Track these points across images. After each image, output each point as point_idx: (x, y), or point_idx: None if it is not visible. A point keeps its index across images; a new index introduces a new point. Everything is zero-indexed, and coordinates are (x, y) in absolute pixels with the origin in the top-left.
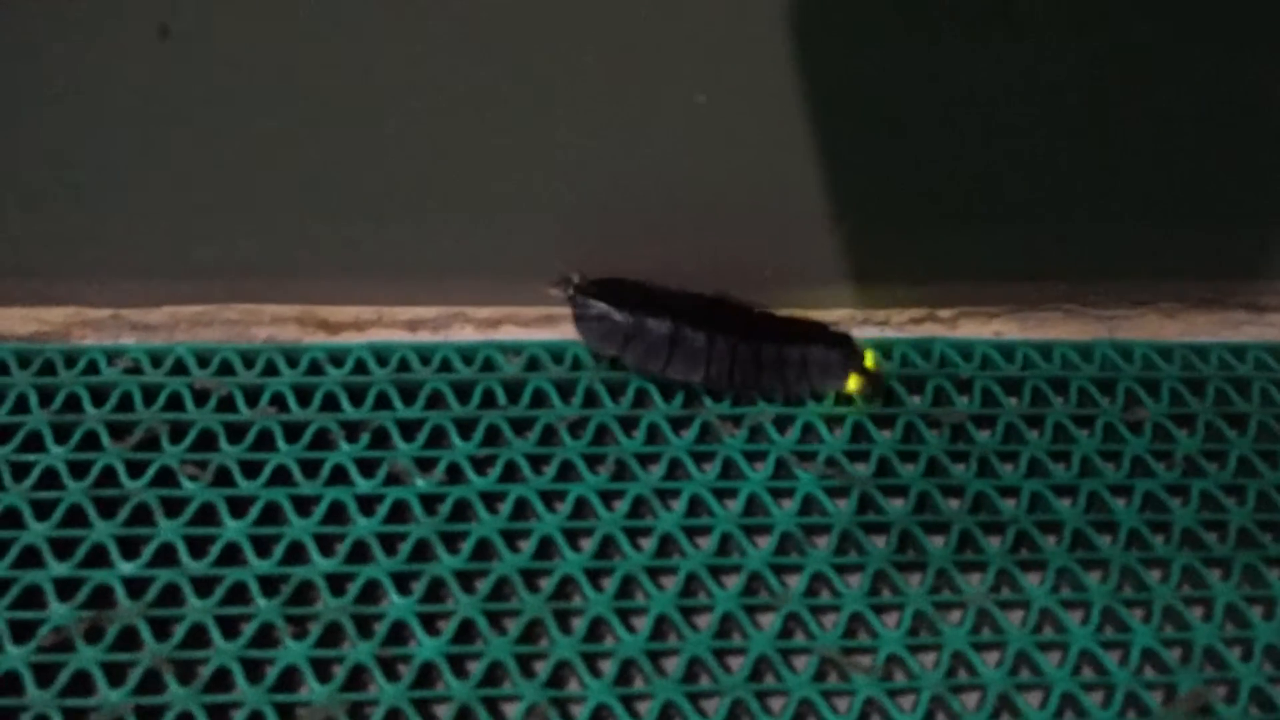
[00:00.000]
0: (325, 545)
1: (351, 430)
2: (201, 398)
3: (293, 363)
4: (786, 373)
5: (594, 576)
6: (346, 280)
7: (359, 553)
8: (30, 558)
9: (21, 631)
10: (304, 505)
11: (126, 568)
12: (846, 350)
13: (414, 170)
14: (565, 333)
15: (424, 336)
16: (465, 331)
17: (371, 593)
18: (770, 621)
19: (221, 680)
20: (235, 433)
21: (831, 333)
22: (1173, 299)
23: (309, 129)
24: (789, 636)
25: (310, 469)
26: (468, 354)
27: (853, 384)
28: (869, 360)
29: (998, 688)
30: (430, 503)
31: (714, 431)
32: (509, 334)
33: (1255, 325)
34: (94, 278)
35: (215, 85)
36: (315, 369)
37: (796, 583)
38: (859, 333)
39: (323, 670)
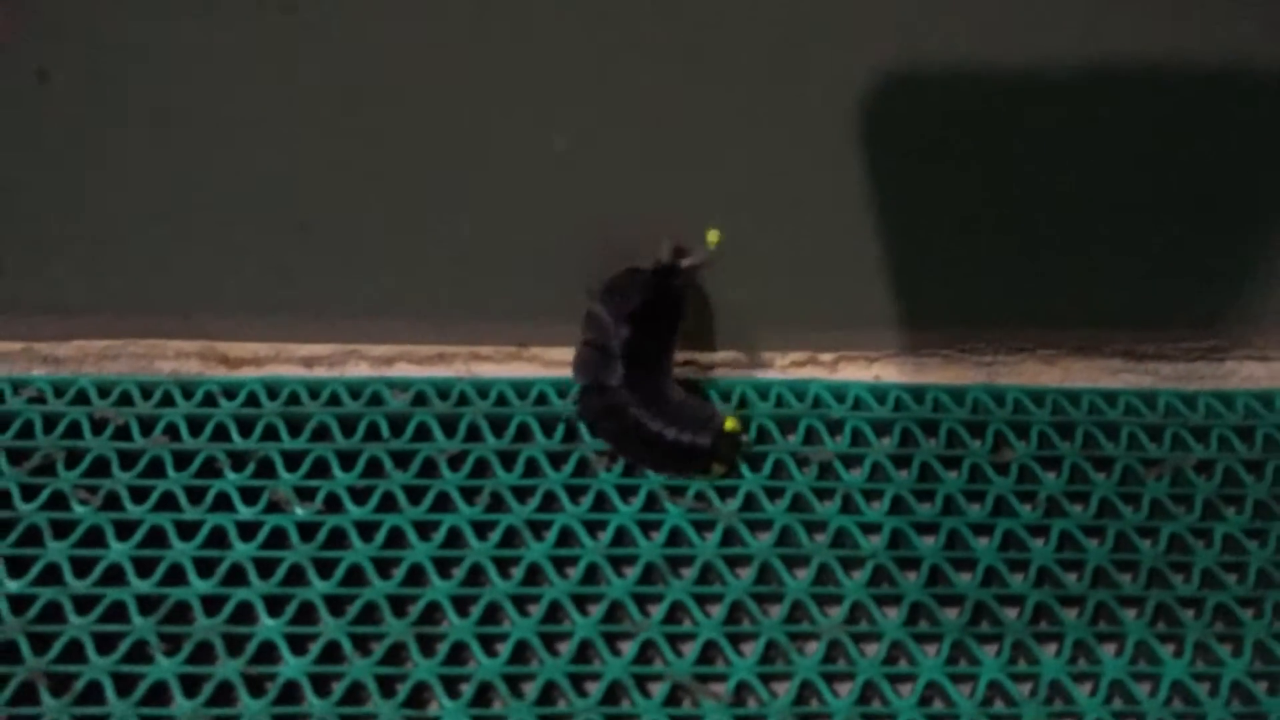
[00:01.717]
0: (204, 568)
1: (238, 460)
2: (99, 426)
3: (189, 395)
4: (654, 453)
5: (459, 603)
6: (246, 318)
7: (235, 576)
8: None
9: None
10: (187, 530)
11: (12, 586)
12: (709, 441)
13: (312, 212)
14: (455, 370)
15: (320, 372)
16: (360, 368)
17: (244, 614)
18: (627, 649)
19: (93, 694)
20: (128, 460)
21: (701, 419)
22: (1050, 346)
23: (211, 173)
24: (645, 663)
25: (196, 495)
26: (356, 389)
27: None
28: (729, 424)
29: (844, 715)
30: (307, 530)
31: (590, 466)
32: (402, 371)
33: (1132, 373)
34: (6, 312)
35: (109, 127)
36: (209, 401)
37: (656, 611)
38: (743, 373)
39: (191, 686)
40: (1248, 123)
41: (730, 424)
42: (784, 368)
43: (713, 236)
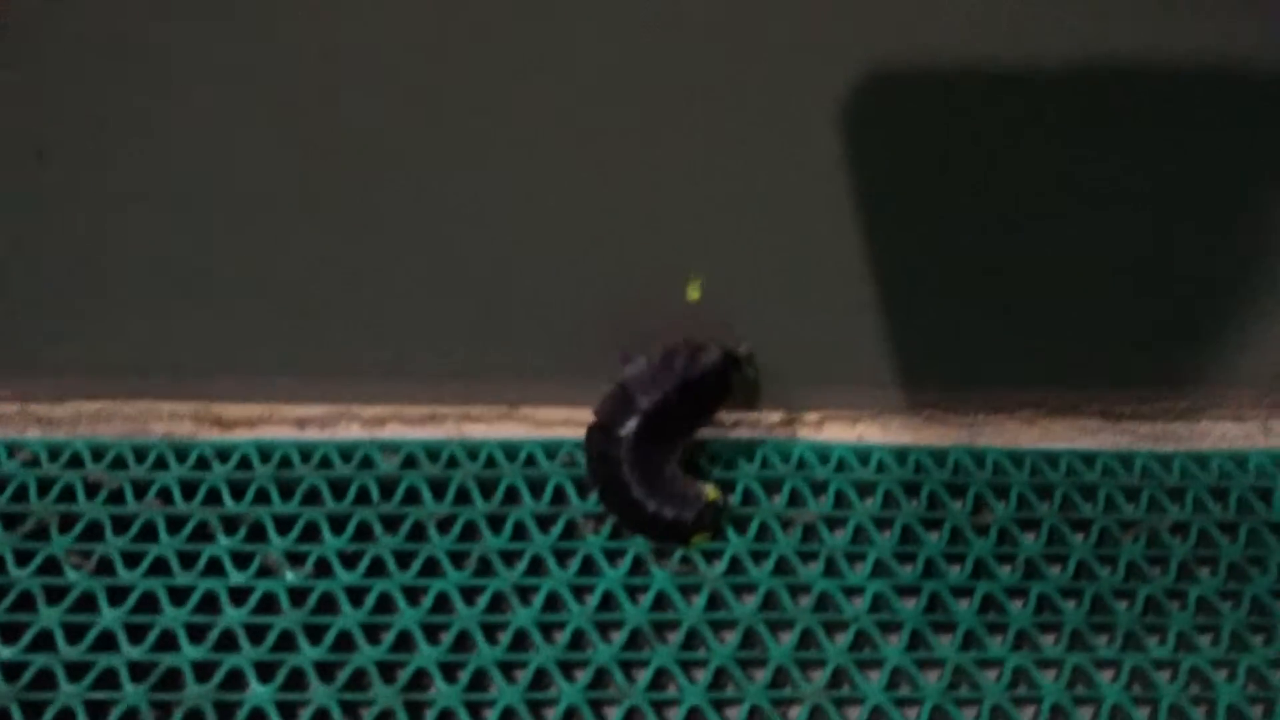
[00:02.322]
0: (196, 634)
1: (230, 524)
2: (93, 490)
3: (182, 458)
4: (633, 517)
5: (448, 669)
6: (239, 379)
7: (227, 642)
8: None
9: None
10: (179, 595)
11: (5, 652)
12: (693, 517)
13: (304, 275)
14: (446, 431)
15: (311, 433)
16: (352, 429)
17: (236, 680)
18: (613, 715)
19: None
20: (121, 524)
21: (687, 496)
22: (1030, 406)
23: (205, 238)
24: None
25: (188, 560)
26: (347, 451)
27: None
28: (710, 494)
29: None
30: (298, 595)
31: (578, 529)
32: (394, 431)
33: (1110, 433)
34: (3, 373)
35: (106, 197)
36: (203, 464)
37: (642, 677)
38: (731, 433)
39: None
40: (1221, 189)
41: (712, 494)
42: (771, 427)
43: (694, 291)
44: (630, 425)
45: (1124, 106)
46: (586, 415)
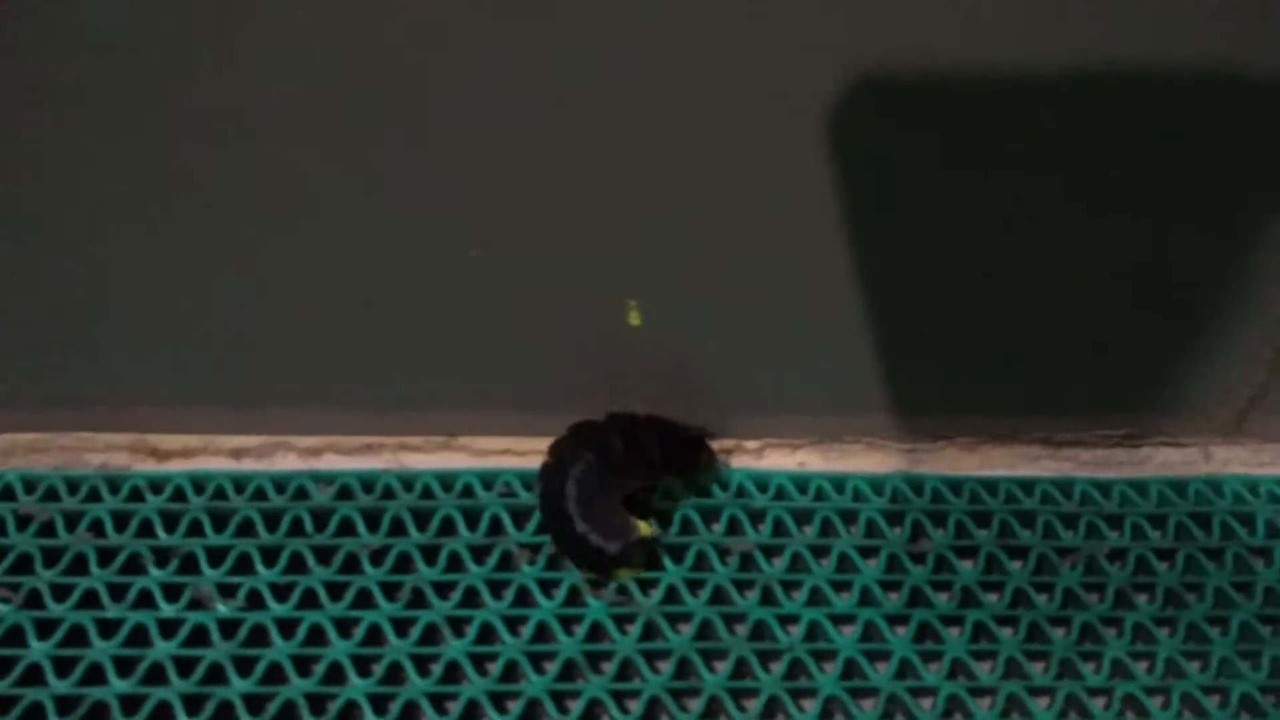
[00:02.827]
0: (124, 667)
1: (162, 556)
2: (24, 523)
3: (115, 489)
4: (574, 549)
5: (378, 701)
6: (175, 410)
7: (155, 675)
8: None
9: None
10: (108, 628)
11: None
12: (617, 549)
13: (241, 305)
14: (383, 460)
15: (248, 464)
16: (288, 460)
17: (163, 714)
18: None
19: None
20: (51, 557)
21: (620, 529)
22: (970, 434)
23: (138, 266)
24: None
25: (118, 592)
26: (281, 483)
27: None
28: (643, 529)
29: None
30: (228, 627)
31: (513, 560)
32: (330, 462)
33: (1051, 459)
34: None
35: (31, 227)
36: (136, 496)
37: (574, 708)
38: None
39: None
40: (1162, 216)
41: (645, 530)
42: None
43: (634, 317)
44: (580, 464)
45: (1055, 129)
46: (526, 445)
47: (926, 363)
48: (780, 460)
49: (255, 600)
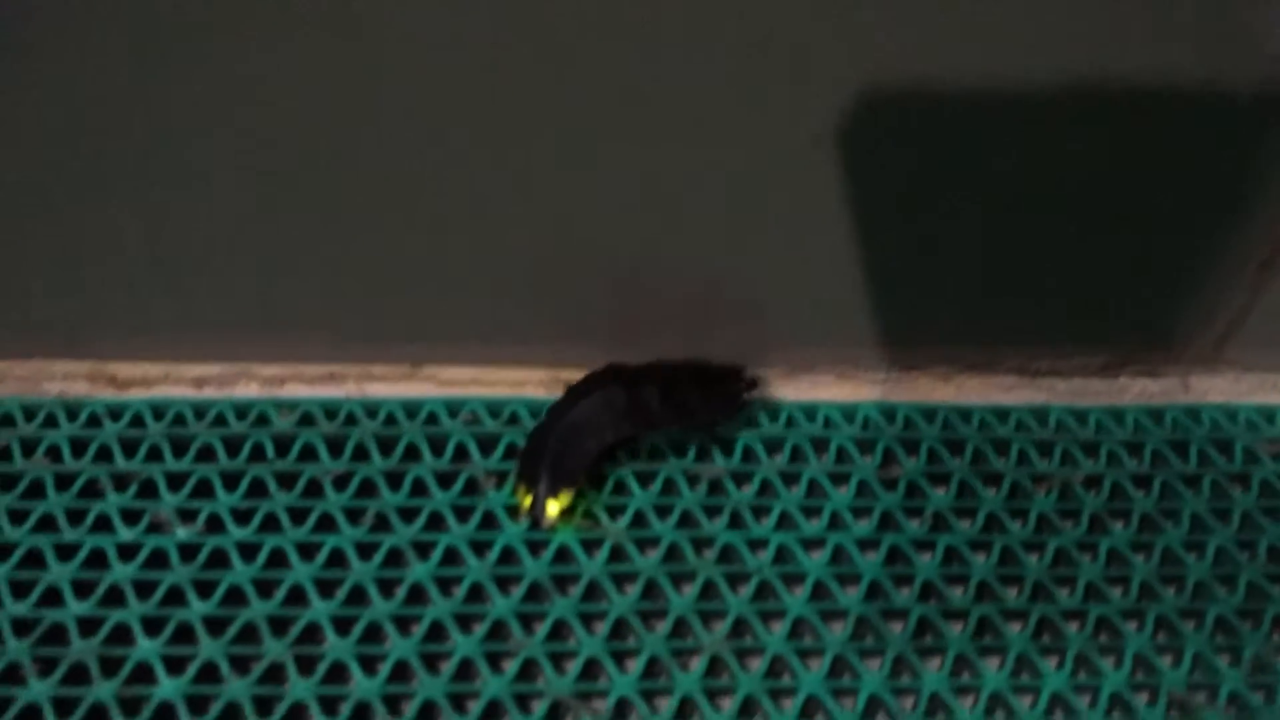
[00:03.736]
0: (82, 590)
1: (120, 481)
2: None
3: (73, 416)
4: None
5: (340, 623)
6: (135, 338)
7: (113, 597)
8: None
9: None
10: (66, 551)
11: None
12: (528, 473)
13: (201, 230)
14: (346, 389)
15: (209, 393)
16: (250, 388)
17: (122, 635)
18: (509, 666)
19: None
20: (7, 482)
21: (544, 453)
22: (944, 364)
23: (99, 192)
24: (527, 680)
25: (76, 517)
26: (243, 409)
27: (522, 498)
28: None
29: None
30: (188, 551)
31: (478, 486)
32: (292, 391)
33: (1027, 389)
34: None
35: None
36: (94, 422)
37: (540, 629)
38: None
39: (65, 709)
40: (1143, 145)
41: (553, 509)
42: None
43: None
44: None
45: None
46: (493, 375)
47: (898, 293)
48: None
49: (215, 525)
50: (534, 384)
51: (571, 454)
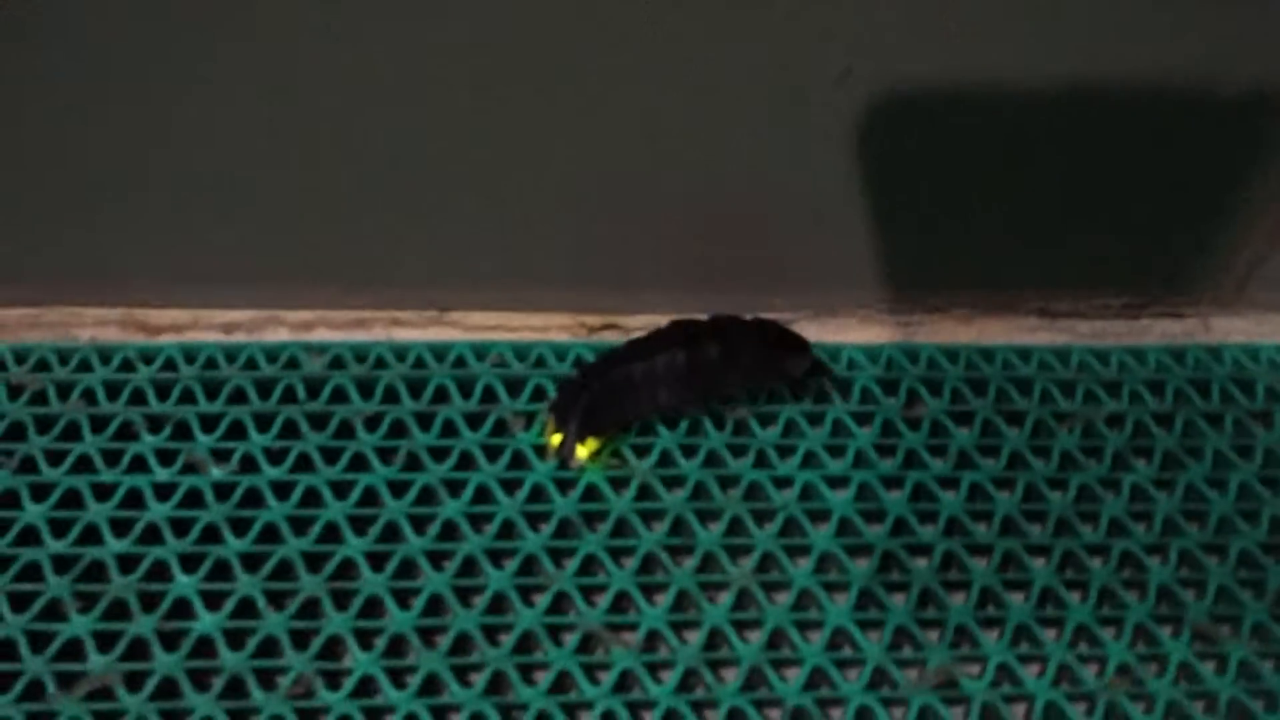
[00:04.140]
0: (120, 528)
1: (155, 423)
2: (16, 392)
3: (106, 360)
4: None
5: (374, 559)
6: (165, 285)
7: (151, 535)
8: None
9: None
10: (103, 491)
11: None
12: (563, 414)
13: (228, 177)
14: (374, 334)
15: (239, 338)
16: (279, 334)
17: (160, 572)
18: (540, 600)
19: (7, 651)
20: (44, 425)
21: (583, 398)
22: (966, 306)
23: (131, 142)
24: (558, 613)
25: (112, 458)
26: (273, 353)
27: (550, 434)
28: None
29: (752, 660)
30: (223, 490)
31: (507, 426)
32: (321, 336)
33: (1048, 331)
34: None
35: (29, 100)
36: (127, 366)
37: (570, 564)
38: None
39: (105, 642)
40: (1160, 81)
41: (583, 452)
42: None
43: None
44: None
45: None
46: (518, 320)
47: (921, 235)
48: None
49: (249, 464)
50: (557, 329)
51: (615, 407)
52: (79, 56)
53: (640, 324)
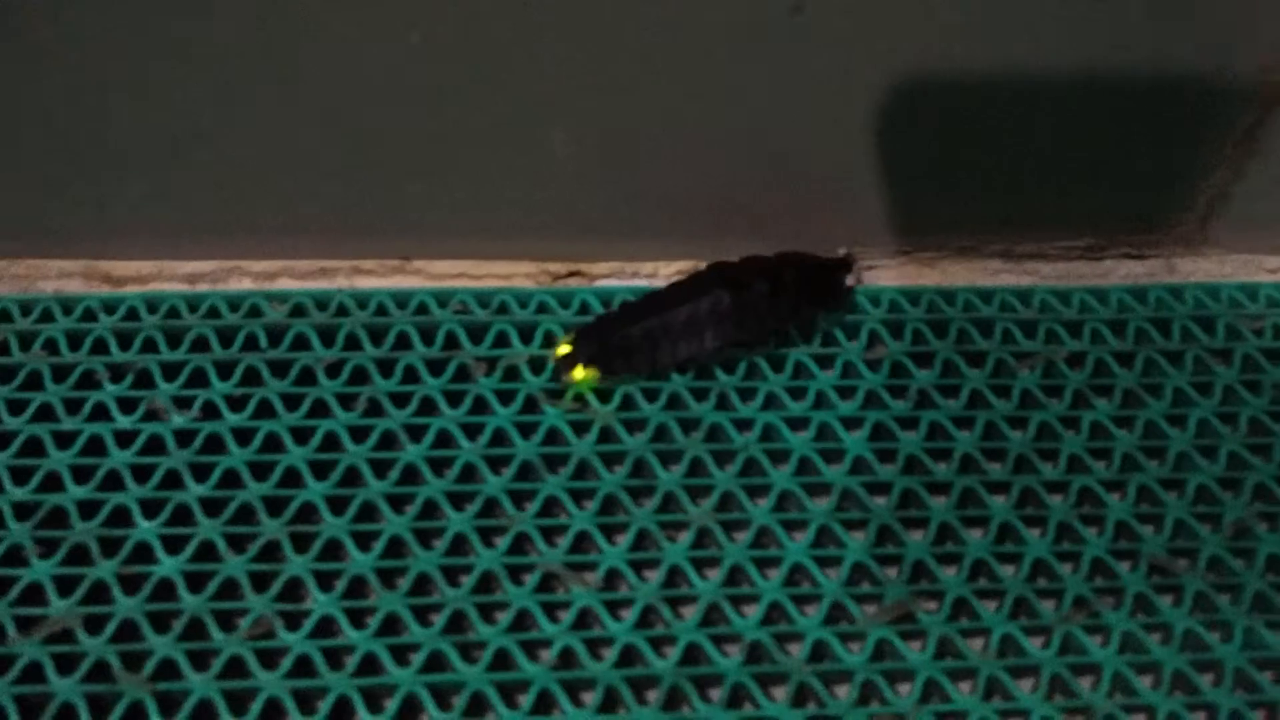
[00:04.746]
0: (81, 475)
1: (116, 372)
2: None
3: (68, 311)
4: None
5: (335, 503)
6: (129, 236)
7: (112, 481)
8: None
9: None
10: (64, 439)
11: None
12: (587, 334)
13: (193, 130)
14: (337, 283)
15: (202, 288)
16: (243, 284)
17: (121, 517)
18: (500, 541)
19: None
20: (5, 375)
21: (615, 330)
22: (929, 249)
23: (94, 93)
24: (519, 554)
25: (74, 407)
26: (235, 302)
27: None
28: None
29: (711, 597)
30: (184, 437)
31: (469, 372)
32: (284, 285)
33: (1011, 273)
34: None
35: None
36: (89, 316)
37: (531, 506)
38: (626, 282)
39: (66, 586)
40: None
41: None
42: (668, 276)
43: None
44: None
45: None
46: (482, 269)
47: (882, 178)
48: None
49: (211, 411)
50: (521, 276)
51: (650, 352)
52: (35, 5)
53: (604, 270)
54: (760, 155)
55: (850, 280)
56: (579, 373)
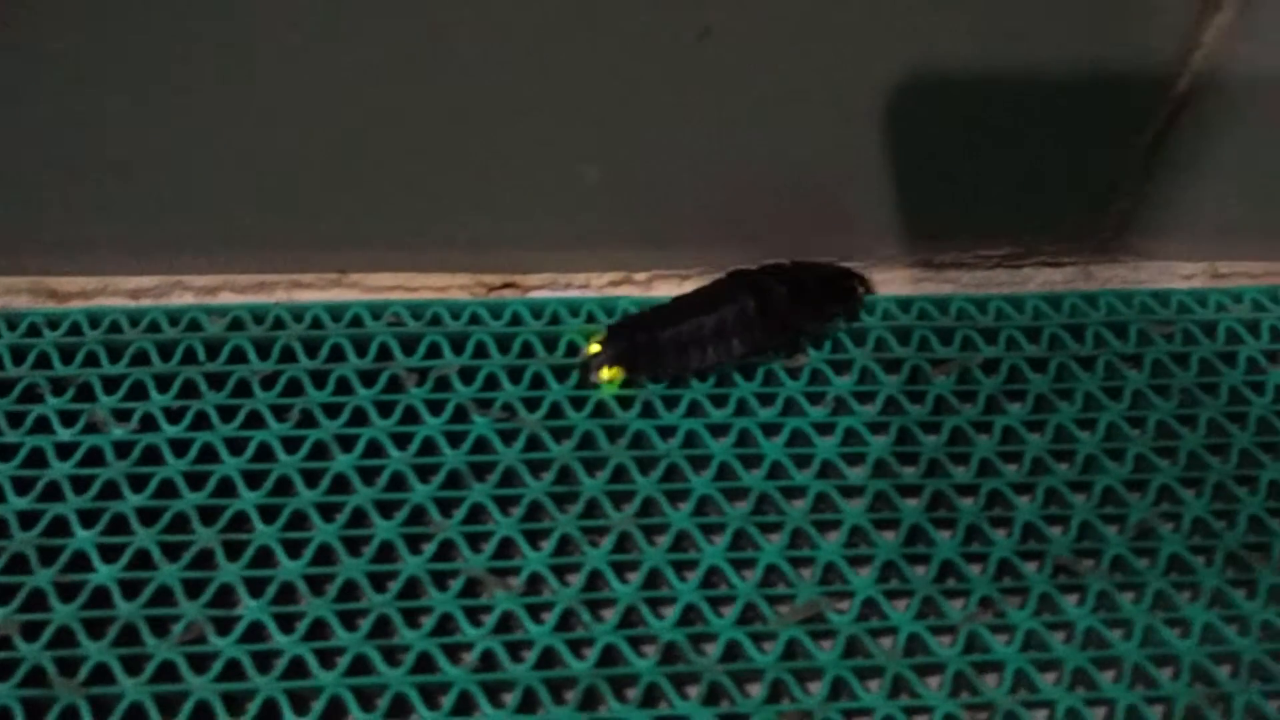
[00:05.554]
0: (22, 486)
1: (58, 385)
2: None
3: (13, 326)
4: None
5: (266, 511)
6: (74, 252)
7: (52, 493)
8: None
9: None
10: (5, 452)
11: None
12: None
13: (132, 149)
14: (276, 296)
15: (145, 303)
16: (185, 298)
17: (59, 527)
18: (427, 547)
19: None
20: None
21: (639, 327)
22: (852, 259)
23: (38, 114)
24: (444, 560)
25: (15, 420)
26: (175, 316)
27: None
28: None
29: (629, 600)
30: (123, 448)
31: (401, 383)
32: (225, 299)
33: (931, 282)
34: None
35: None
36: (33, 331)
37: (457, 512)
38: (559, 293)
39: (4, 593)
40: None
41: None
42: (600, 288)
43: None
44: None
45: None
46: (417, 281)
47: (809, 193)
48: (668, 290)
49: (149, 423)
50: (457, 289)
51: (677, 358)
52: None
53: (538, 281)
54: (681, 173)
55: (862, 289)
56: (606, 373)
